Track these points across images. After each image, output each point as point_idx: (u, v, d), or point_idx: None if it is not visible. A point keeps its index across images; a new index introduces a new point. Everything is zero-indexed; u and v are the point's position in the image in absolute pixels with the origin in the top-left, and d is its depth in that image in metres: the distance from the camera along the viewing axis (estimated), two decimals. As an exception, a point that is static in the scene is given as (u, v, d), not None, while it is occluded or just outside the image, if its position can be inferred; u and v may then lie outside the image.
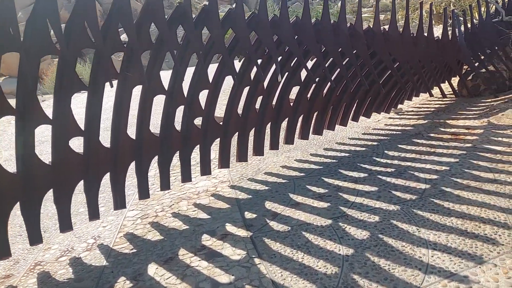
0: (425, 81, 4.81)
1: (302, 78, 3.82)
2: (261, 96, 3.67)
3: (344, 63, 3.87)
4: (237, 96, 3.48)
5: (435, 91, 5.54)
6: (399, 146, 3.92)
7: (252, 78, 3.51)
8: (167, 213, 3.06)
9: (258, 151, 3.77)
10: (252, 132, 3.73)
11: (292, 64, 3.72)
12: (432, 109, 5.12)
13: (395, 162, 3.52)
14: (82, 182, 2.74)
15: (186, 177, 3.32)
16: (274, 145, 3.88)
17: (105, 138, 2.88)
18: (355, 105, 4.47)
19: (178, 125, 3.16)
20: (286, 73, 3.74)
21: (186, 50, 2.97)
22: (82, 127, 2.65)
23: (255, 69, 3.29)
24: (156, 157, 3.13)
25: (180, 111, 3.14)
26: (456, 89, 5.57)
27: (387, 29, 3.99)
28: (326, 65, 3.81)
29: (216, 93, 3.33)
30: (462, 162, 3.32)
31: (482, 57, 5.31)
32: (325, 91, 4.11)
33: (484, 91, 5.24)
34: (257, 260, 2.31)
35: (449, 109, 4.99)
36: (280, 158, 3.98)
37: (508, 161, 3.22)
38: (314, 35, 3.35)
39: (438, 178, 3.07)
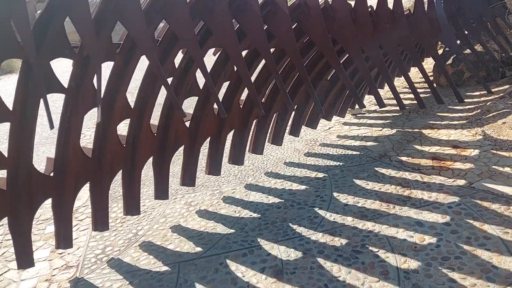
0: (389, 78, 3.35)
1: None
2: (129, 119, 2.21)
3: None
4: (76, 122, 2.00)
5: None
6: (356, 182, 2.55)
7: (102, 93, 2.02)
8: None
9: (130, 208, 2.31)
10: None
11: (180, 64, 2.26)
12: (402, 107, 3.76)
13: (348, 221, 2.16)
14: None
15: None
16: (161, 193, 2.43)
17: None
18: (293, 113, 3.05)
19: None
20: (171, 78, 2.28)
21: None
22: None
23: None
24: None
25: None
26: (432, 76, 4.24)
27: (330, 2, 2.50)
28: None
29: (26, 125, 1.84)
30: (457, 225, 1.99)
31: (466, 33, 3.95)
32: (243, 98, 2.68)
33: (469, 79, 3.92)
34: None
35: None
36: (175, 208, 2.55)
37: (532, 223, 1.91)
38: (195, 17, 1.86)
39: (420, 271, 1.73)
